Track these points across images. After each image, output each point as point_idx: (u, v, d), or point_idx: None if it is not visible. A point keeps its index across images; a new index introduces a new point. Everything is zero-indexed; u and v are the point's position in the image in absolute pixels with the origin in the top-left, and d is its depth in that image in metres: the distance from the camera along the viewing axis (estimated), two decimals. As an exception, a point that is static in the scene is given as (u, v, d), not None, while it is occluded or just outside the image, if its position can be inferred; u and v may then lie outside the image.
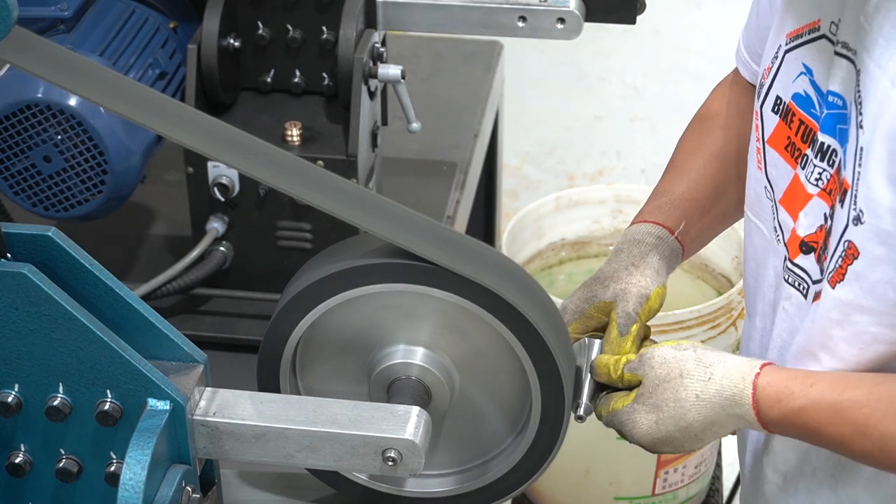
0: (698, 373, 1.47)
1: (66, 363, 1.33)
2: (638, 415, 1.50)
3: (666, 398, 1.48)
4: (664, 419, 1.48)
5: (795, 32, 1.50)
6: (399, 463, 1.39)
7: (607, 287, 1.60)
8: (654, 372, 1.49)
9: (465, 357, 1.52)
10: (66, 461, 1.38)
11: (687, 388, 1.47)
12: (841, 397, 1.41)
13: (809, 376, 1.45)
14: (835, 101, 1.45)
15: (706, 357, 1.48)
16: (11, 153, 1.88)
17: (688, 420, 1.47)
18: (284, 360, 1.52)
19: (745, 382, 1.45)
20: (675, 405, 1.47)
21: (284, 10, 2.00)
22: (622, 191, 2.82)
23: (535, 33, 2.08)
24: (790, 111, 1.52)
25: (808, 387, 1.43)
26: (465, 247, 1.48)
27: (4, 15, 1.21)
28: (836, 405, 1.41)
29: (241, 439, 1.39)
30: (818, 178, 1.48)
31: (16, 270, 1.28)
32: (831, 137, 1.46)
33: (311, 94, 2.05)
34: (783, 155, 1.53)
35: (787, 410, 1.43)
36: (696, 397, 1.46)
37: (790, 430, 1.45)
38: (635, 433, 1.51)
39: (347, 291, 1.47)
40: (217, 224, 2.03)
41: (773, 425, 1.45)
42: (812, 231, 1.49)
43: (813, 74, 1.48)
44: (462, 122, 2.49)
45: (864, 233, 1.40)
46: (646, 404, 1.49)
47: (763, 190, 1.57)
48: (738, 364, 1.46)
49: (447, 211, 2.27)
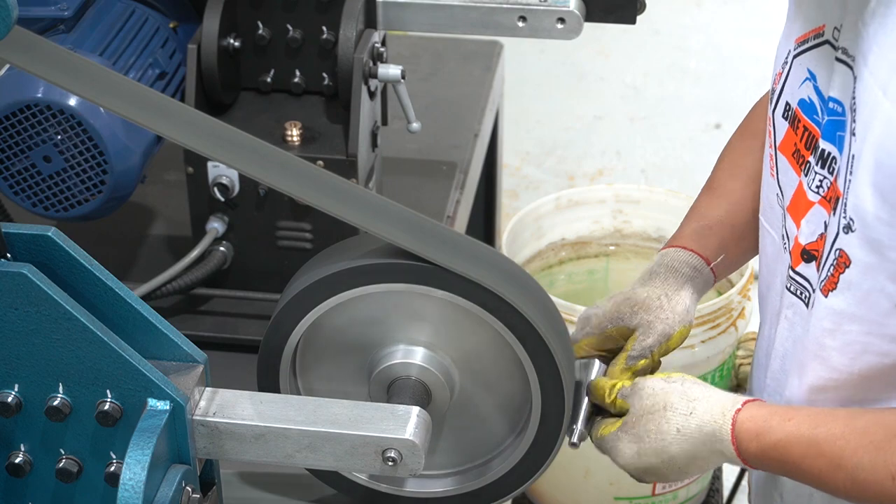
0: (681, 406, 1.47)
1: (66, 363, 1.33)
2: (621, 443, 1.50)
3: (648, 429, 1.48)
4: (645, 450, 1.49)
5: (802, 38, 1.49)
6: (399, 463, 1.39)
7: (636, 314, 1.60)
8: (642, 402, 1.50)
9: (465, 357, 1.52)
10: (66, 461, 1.38)
11: (669, 420, 1.47)
12: (817, 430, 1.41)
13: (788, 411, 1.45)
14: (835, 108, 1.44)
15: (692, 391, 1.49)
16: (11, 153, 1.88)
17: (669, 453, 1.48)
18: (284, 360, 1.52)
19: (724, 418, 1.45)
20: (656, 437, 1.48)
21: (284, 10, 2.00)
22: (622, 191, 2.82)
23: (535, 33, 2.08)
24: (796, 117, 1.51)
25: (786, 421, 1.43)
26: (466, 247, 1.48)
27: (4, 15, 1.21)
28: (812, 438, 1.41)
29: (241, 439, 1.39)
30: (819, 185, 1.47)
31: (16, 270, 1.28)
32: (831, 144, 1.45)
33: (311, 94, 2.05)
34: (791, 161, 1.53)
35: (766, 444, 1.43)
36: (678, 431, 1.47)
37: (769, 464, 1.45)
38: (618, 461, 1.52)
39: (347, 291, 1.47)
40: (217, 224, 2.03)
41: (753, 460, 1.45)
42: (813, 239, 1.49)
43: (816, 80, 1.47)
44: (462, 122, 2.49)
45: (854, 241, 1.39)
46: (629, 433, 1.50)
47: (775, 197, 1.57)
48: (721, 400, 1.47)
49: (447, 211, 2.27)
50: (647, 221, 2.79)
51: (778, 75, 1.55)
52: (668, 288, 1.61)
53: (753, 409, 1.46)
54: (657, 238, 2.78)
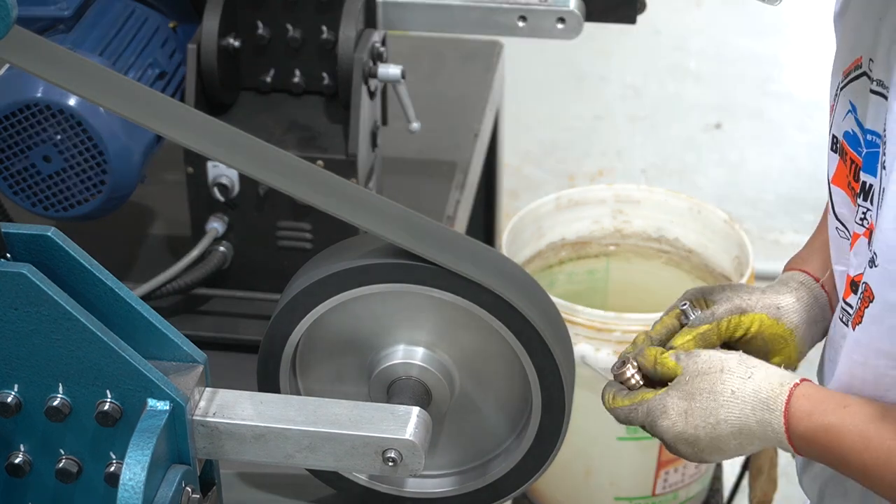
0: (740, 370, 1.45)
1: (66, 363, 1.32)
2: (670, 400, 1.46)
3: (702, 388, 1.45)
4: (694, 410, 1.44)
5: (847, 70, 1.48)
6: (399, 463, 1.39)
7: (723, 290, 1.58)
8: (696, 365, 1.46)
9: (466, 357, 1.52)
10: (66, 461, 1.38)
11: (725, 382, 1.44)
12: (870, 426, 1.39)
13: (845, 398, 1.42)
14: (873, 140, 1.42)
15: (750, 360, 1.46)
16: (11, 153, 1.88)
17: (718, 416, 1.44)
18: (284, 360, 1.52)
19: (782, 388, 1.43)
20: (709, 397, 1.44)
21: (284, 9, 2.00)
22: (622, 191, 2.82)
23: (535, 33, 2.08)
24: (844, 150, 1.49)
25: (841, 407, 1.41)
26: (465, 247, 1.48)
27: (4, 14, 1.21)
28: (864, 433, 1.39)
29: (241, 439, 1.39)
30: (863, 217, 1.45)
31: (15, 270, 1.28)
32: (872, 176, 1.43)
33: (311, 94, 2.05)
34: (848, 194, 1.50)
35: (816, 425, 1.41)
36: (732, 393, 1.44)
37: (814, 448, 1.43)
38: (662, 422, 1.46)
39: (347, 291, 1.47)
40: (217, 224, 2.03)
41: (798, 440, 1.42)
42: (860, 271, 1.46)
43: (857, 112, 1.46)
44: (462, 122, 2.49)
45: (877, 276, 1.37)
46: (680, 391, 1.46)
47: (836, 232, 1.54)
48: (779, 371, 1.45)
49: (447, 211, 2.27)
50: (647, 221, 2.79)
51: (830, 108, 1.53)
52: (768, 287, 1.59)
53: (811, 388, 1.43)
54: (657, 238, 2.78)
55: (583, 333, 2.46)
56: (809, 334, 1.60)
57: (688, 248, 2.77)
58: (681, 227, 2.77)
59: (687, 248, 2.77)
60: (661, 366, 1.49)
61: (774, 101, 4.46)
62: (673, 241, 2.78)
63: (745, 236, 2.66)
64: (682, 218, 2.76)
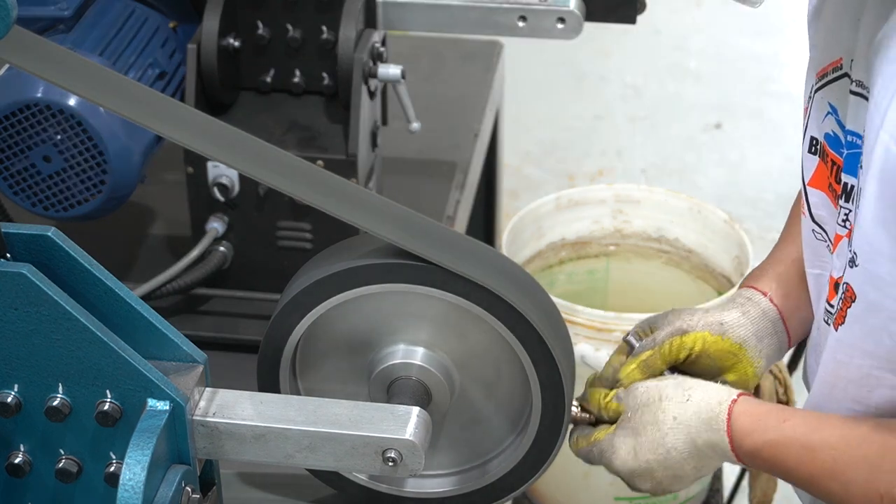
0: (677, 395, 1.47)
1: (66, 363, 1.32)
2: (617, 440, 1.50)
3: (645, 421, 1.48)
4: (642, 444, 1.48)
5: (822, 71, 1.48)
6: (399, 463, 1.39)
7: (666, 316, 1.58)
8: (636, 399, 1.50)
9: (465, 357, 1.52)
10: (66, 461, 1.38)
11: (665, 410, 1.47)
12: (812, 437, 1.41)
13: (784, 412, 1.44)
14: (854, 141, 1.42)
15: (686, 382, 1.49)
16: (11, 153, 1.88)
17: (666, 446, 1.47)
18: (284, 360, 1.52)
19: (721, 406, 1.45)
20: (653, 428, 1.47)
21: (284, 9, 2.00)
22: (622, 191, 2.82)
23: (535, 33, 2.08)
24: (824, 152, 1.49)
25: (781, 422, 1.43)
26: (465, 247, 1.48)
27: (4, 14, 1.21)
28: (806, 444, 1.41)
29: (241, 439, 1.39)
30: (845, 218, 1.45)
31: (15, 270, 1.28)
32: (853, 177, 1.42)
33: (311, 94, 2.05)
34: (828, 195, 1.50)
35: (760, 443, 1.43)
36: (674, 419, 1.46)
37: (762, 463, 1.45)
38: (614, 461, 1.51)
39: (347, 291, 1.47)
40: (217, 224, 2.03)
41: (746, 457, 1.45)
42: (842, 273, 1.46)
43: (837, 113, 1.46)
44: (462, 122, 2.49)
45: (858, 276, 1.37)
46: (626, 429, 1.50)
47: (812, 234, 1.54)
48: (716, 389, 1.47)
49: (447, 211, 2.27)
50: (647, 221, 2.78)
51: (804, 110, 1.53)
52: (713, 307, 1.60)
53: (749, 403, 1.45)
54: (657, 238, 2.78)
55: (583, 333, 2.46)
56: (761, 348, 1.59)
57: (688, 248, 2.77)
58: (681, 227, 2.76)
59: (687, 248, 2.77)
60: (606, 410, 1.53)
61: (774, 101, 4.46)
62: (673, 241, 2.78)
63: (745, 236, 2.66)
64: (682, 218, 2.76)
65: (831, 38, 1.47)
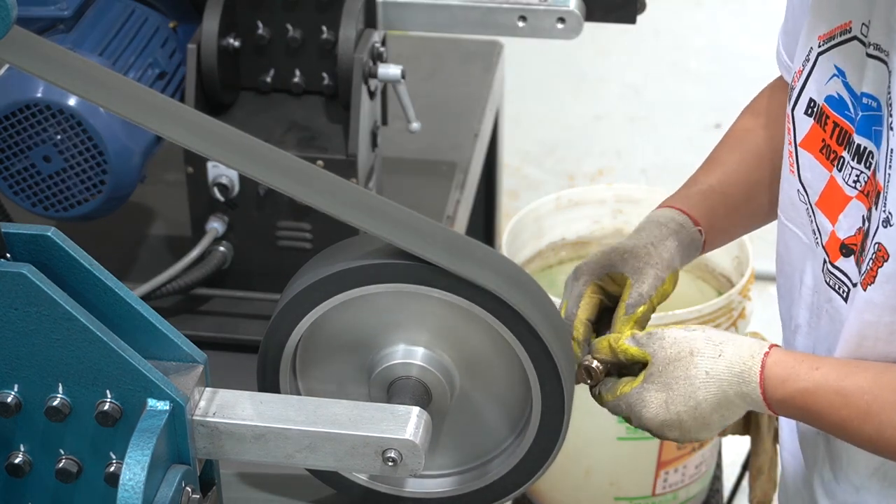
0: (709, 350, 1.47)
1: (66, 363, 1.32)
2: (648, 394, 1.49)
3: (676, 376, 1.47)
4: (674, 398, 1.48)
5: (827, 35, 1.49)
6: (399, 463, 1.39)
7: (626, 261, 1.61)
8: (665, 352, 1.49)
9: (466, 357, 1.52)
10: (66, 461, 1.38)
11: (697, 365, 1.47)
12: (845, 382, 1.42)
13: (816, 360, 1.46)
14: (869, 103, 1.44)
15: (716, 336, 1.49)
16: (11, 153, 1.88)
17: (697, 398, 1.47)
18: (284, 360, 1.52)
19: (754, 360, 1.45)
20: (685, 383, 1.47)
21: (284, 10, 2.00)
22: (622, 191, 2.82)
23: (535, 33, 2.08)
24: (824, 114, 1.51)
25: (813, 370, 1.44)
26: (465, 247, 1.48)
27: (4, 14, 1.21)
28: (839, 390, 1.42)
29: (241, 439, 1.39)
30: (856, 180, 1.47)
31: (16, 270, 1.28)
32: (867, 139, 1.45)
33: (311, 94, 2.05)
34: (818, 157, 1.52)
35: (792, 391, 1.44)
36: (706, 374, 1.46)
37: (793, 411, 1.46)
38: (645, 414, 1.50)
39: (347, 291, 1.47)
40: (217, 224, 2.03)
41: (777, 405, 1.46)
42: (852, 233, 1.48)
43: (846, 76, 1.47)
44: (462, 122, 2.49)
45: (893, 235, 1.39)
46: (656, 383, 1.49)
47: (796, 194, 1.57)
48: (747, 343, 1.48)
49: (447, 211, 2.27)
50: (647, 221, 2.78)
51: (798, 73, 1.54)
52: (654, 238, 1.63)
53: (780, 354, 1.46)
54: (657, 238, 2.78)
55: (583, 333, 2.45)
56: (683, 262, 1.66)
57: (688, 248, 2.77)
58: (681, 227, 2.76)
59: (687, 248, 2.77)
60: (624, 353, 1.53)
61: (774, 101, 4.45)
62: (673, 241, 2.78)
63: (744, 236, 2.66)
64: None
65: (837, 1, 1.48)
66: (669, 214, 1.66)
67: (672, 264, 1.63)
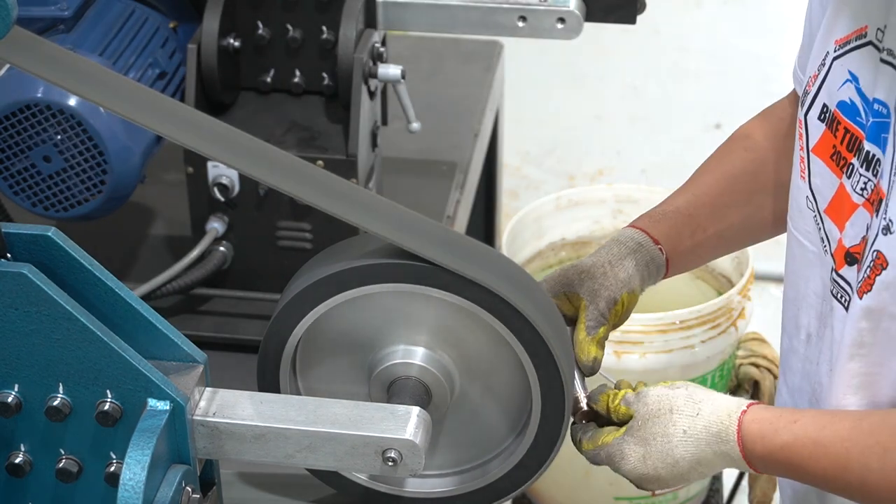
0: (687, 408, 1.48)
1: (66, 363, 1.33)
2: (627, 447, 1.50)
3: (655, 432, 1.48)
4: (651, 454, 1.48)
5: (844, 39, 1.48)
6: (399, 463, 1.39)
7: (582, 282, 1.61)
8: (647, 408, 1.50)
9: (466, 357, 1.52)
10: (66, 461, 1.38)
11: (675, 423, 1.47)
12: (823, 432, 1.41)
13: (794, 413, 1.45)
14: (879, 110, 1.43)
15: (696, 394, 1.49)
16: (11, 153, 1.88)
17: (674, 456, 1.47)
18: (284, 360, 1.52)
19: (731, 419, 1.45)
20: (662, 440, 1.48)
21: (284, 10, 2.00)
22: (622, 191, 2.82)
23: (535, 33, 2.08)
24: (835, 119, 1.50)
25: (791, 423, 1.43)
26: (465, 247, 1.48)
27: (4, 14, 1.21)
28: (818, 440, 1.41)
29: (241, 439, 1.39)
30: (863, 187, 1.46)
31: (16, 270, 1.28)
32: (875, 146, 1.44)
33: (311, 94, 2.05)
34: (828, 164, 1.52)
35: (771, 447, 1.43)
36: (684, 433, 1.47)
37: (776, 467, 1.45)
38: (623, 466, 1.51)
39: (347, 291, 1.47)
40: (217, 224, 2.03)
41: (759, 462, 1.45)
42: (856, 242, 1.48)
43: (859, 82, 1.46)
44: (462, 122, 2.49)
45: (892, 243, 1.38)
46: (635, 436, 1.50)
47: (805, 200, 1.56)
48: (725, 402, 1.47)
49: (447, 211, 2.27)
50: (647, 221, 2.78)
51: (813, 77, 1.53)
52: (612, 257, 1.63)
53: (758, 411, 1.46)
54: (657, 238, 2.78)
55: (583, 333, 2.45)
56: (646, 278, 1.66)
57: (688, 248, 2.77)
58: (680, 227, 2.76)
59: (687, 248, 2.77)
60: (615, 413, 1.53)
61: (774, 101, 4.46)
62: (673, 241, 2.78)
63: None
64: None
65: (856, 5, 1.47)
66: (629, 234, 1.66)
67: (629, 284, 1.62)
